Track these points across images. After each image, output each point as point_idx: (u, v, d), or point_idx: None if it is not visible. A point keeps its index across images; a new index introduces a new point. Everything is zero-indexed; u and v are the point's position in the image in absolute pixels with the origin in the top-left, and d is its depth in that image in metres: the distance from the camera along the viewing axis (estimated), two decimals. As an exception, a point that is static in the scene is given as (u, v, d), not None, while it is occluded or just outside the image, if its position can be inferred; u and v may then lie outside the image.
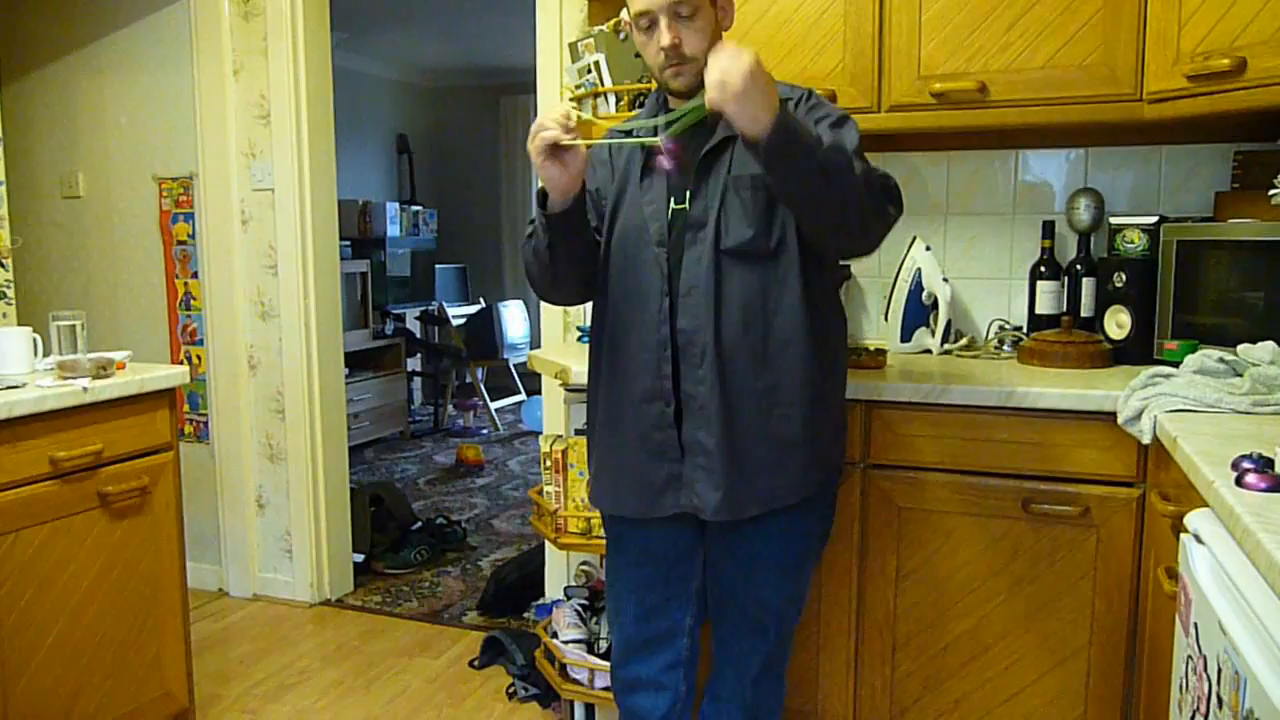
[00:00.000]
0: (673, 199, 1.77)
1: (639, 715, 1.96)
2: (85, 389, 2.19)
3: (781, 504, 1.76)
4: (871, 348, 2.35)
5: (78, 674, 2.24)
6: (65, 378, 2.22)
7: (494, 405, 6.82)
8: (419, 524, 4.17)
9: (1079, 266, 2.46)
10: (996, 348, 2.52)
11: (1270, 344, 1.82)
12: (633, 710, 1.97)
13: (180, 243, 3.62)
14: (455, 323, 6.86)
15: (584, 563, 2.88)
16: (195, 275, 3.61)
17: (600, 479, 1.90)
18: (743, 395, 1.71)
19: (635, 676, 1.95)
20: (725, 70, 1.44)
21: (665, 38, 1.67)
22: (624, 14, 1.78)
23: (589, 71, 2.62)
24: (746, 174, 1.70)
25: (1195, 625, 1.24)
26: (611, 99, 2.58)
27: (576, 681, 2.53)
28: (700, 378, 1.72)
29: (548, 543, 2.90)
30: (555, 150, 1.60)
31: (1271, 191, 1.96)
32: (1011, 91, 2.22)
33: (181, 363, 3.61)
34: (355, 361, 5.86)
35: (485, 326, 6.76)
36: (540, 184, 1.68)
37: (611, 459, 1.85)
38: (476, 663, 3.10)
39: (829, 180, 1.54)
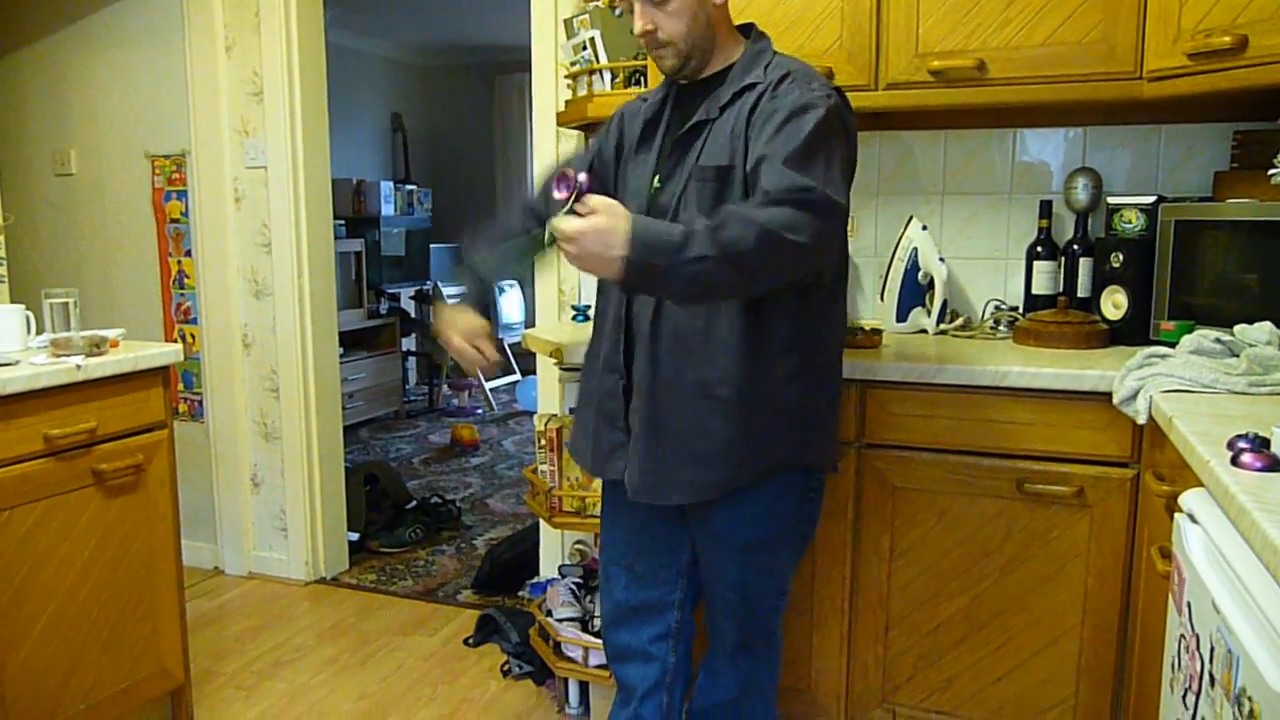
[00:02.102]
0: (655, 177, 1.78)
1: (628, 685, 1.99)
2: (79, 367, 2.18)
3: (704, 497, 1.75)
4: (867, 327, 2.35)
5: (73, 651, 2.24)
6: (58, 355, 2.21)
7: (489, 385, 6.81)
8: (414, 503, 4.17)
9: (1076, 246, 2.45)
10: (992, 328, 2.52)
11: (1267, 324, 1.82)
12: (623, 680, 2.00)
13: (173, 221, 3.60)
14: (450, 302, 6.83)
15: (578, 541, 2.89)
16: (189, 253, 3.59)
17: (574, 427, 1.99)
18: (674, 385, 1.72)
19: (625, 645, 1.97)
20: (564, 243, 1.45)
21: (638, 24, 1.68)
22: None
23: (584, 48, 2.60)
24: (711, 165, 1.69)
25: (1188, 604, 1.24)
26: (607, 75, 2.57)
27: (570, 659, 2.54)
28: (639, 360, 1.75)
29: (542, 521, 2.90)
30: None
31: (1271, 171, 1.95)
32: (1010, 69, 2.21)
33: (175, 341, 3.60)
34: (350, 341, 5.84)
35: (480, 306, 6.73)
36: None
37: (580, 413, 1.94)
38: (471, 640, 3.10)
39: (704, 286, 1.49)
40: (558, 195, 1.49)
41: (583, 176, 1.47)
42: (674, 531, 1.90)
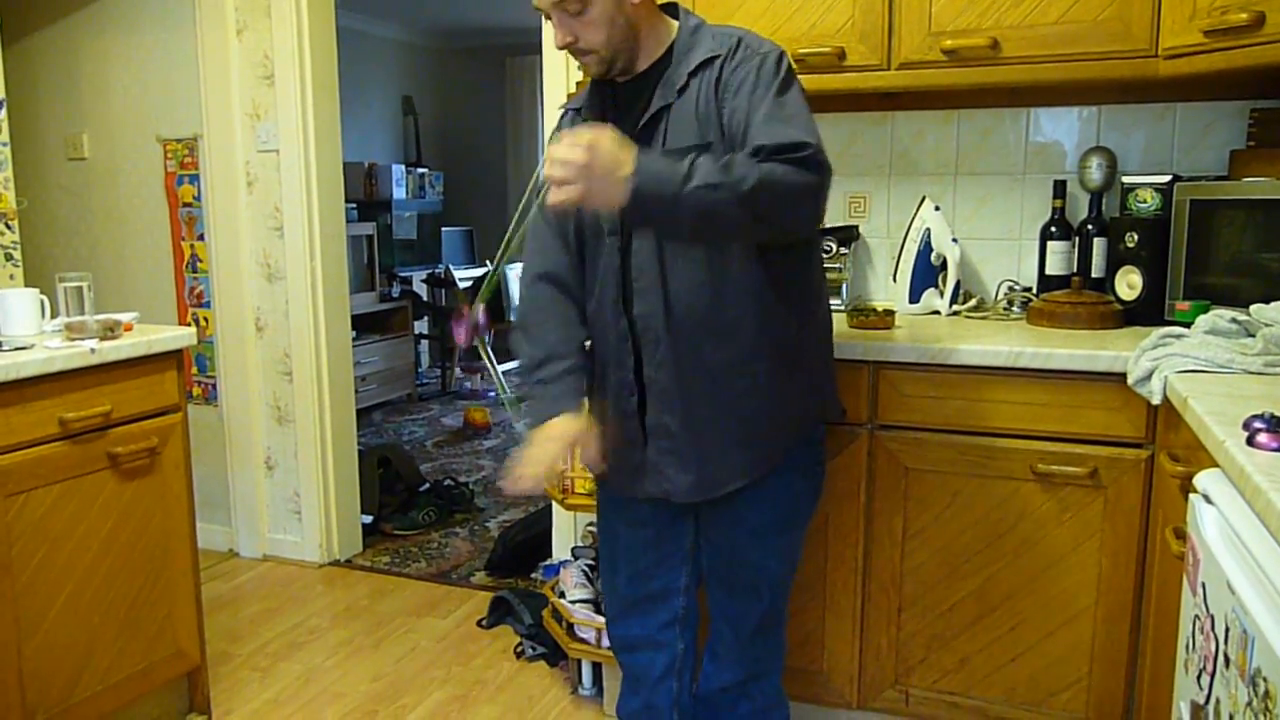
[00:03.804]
0: None
1: (637, 674, 1.98)
2: (93, 350, 2.19)
3: (756, 475, 1.75)
4: (880, 309, 2.34)
5: (90, 632, 2.26)
6: (73, 339, 2.22)
7: (501, 368, 6.80)
8: (427, 485, 4.19)
9: (1090, 226, 2.43)
10: (1006, 309, 2.51)
11: (1283, 304, 1.81)
12: (632, 669, 1.99)
13: (186, 205, 3.61)
14: (462, 285, 6.84)
15: (591, 523, 2.89)
16: (201, 237, 3.60)
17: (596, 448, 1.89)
18: (701, 374, 1.70)
19: (633, 635, 1.96)
20: (562, 170, 1.40)
21: (558, 37, 1.65)
22: None
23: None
24: (682, 146, 1.63)
25: (1203, 585, 1.23)
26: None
27: (583, 640, 2.55)
28: (659, 362, 1.71)
29: (555, 504, 2.91)
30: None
31: (1287, 149, 1.93)
32: (1024, 48, 2.19)
33: (188, 325, 3.61)
34: (362, 324, 5.85)
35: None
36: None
37: (603, 434, 1.84)
38: (484, 622, 3.12)
39: (711, 218, 1.48)
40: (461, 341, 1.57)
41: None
42: (678, 520, 1.89)
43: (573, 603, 2.57)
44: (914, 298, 2.57)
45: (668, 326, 1.69)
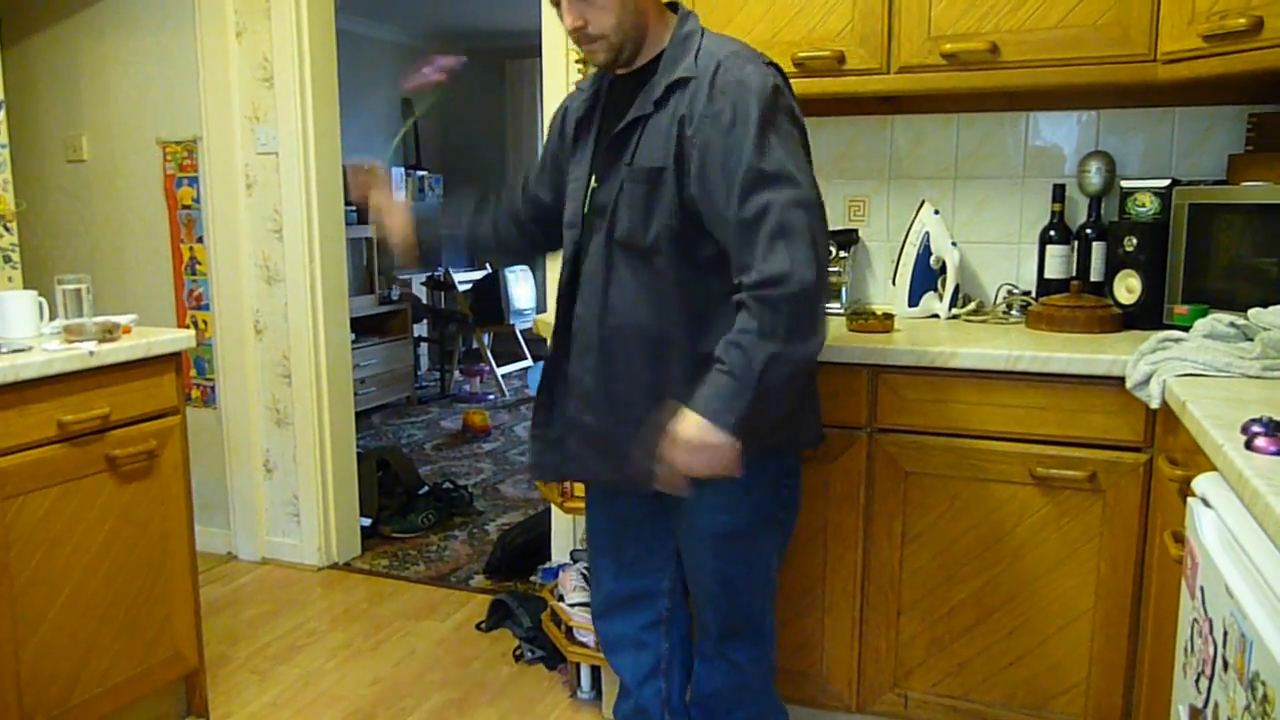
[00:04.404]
0: (593, 177, 1.75)
1: (624, 674, 2.00)
2: (91, 353, 2.18)
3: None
4: (879, 312, 2.34)
5: (89, 635, 2.26)
6: (71, 341, 2.22)
7: (500, 371, 6.82)
8: (426, 488, 4.19)
9: (1089, 230, 2.43)
10: (1005, 312, 2.51)
11: (1282, 308, 1.81)
12: (617, 669, 2.01)
13: (185, 207, 3.61)
14: (461, 288, 6.85)
15: (590, 527, 2.89)
16: (200, 240, 3.60)
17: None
18: (628, 386, 1.70)
19: (616, 634, 1.98)
20: (685, 467, 1.54)
21: (567, 20, 1.64)
22: None
23: (595, 32, 2.58)
24: (644, 165, 1.65)
25: (1201, 589, 1.23)
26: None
27: (582, 644, 2.54)
28: (587, 367, 1.73)
29: (554, 507, 2.91)
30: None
31: (1286, 154, 1.93)
32: (1023, 52, 2.19)
33: (187, 327, 3.61)
34: (361, 327, 5.85)
35: (491, 292, 6.75)
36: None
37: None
38: (483, 625, 3.12)
39: (786, 388, 1.57)
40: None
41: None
42: (658, 519, 1.89)
43: (571, 606, 2.57)
44: (913, 301, 2.57)
45: (599, 335, 1.70)
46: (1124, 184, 2.36)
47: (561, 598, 2.62)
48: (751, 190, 1.54)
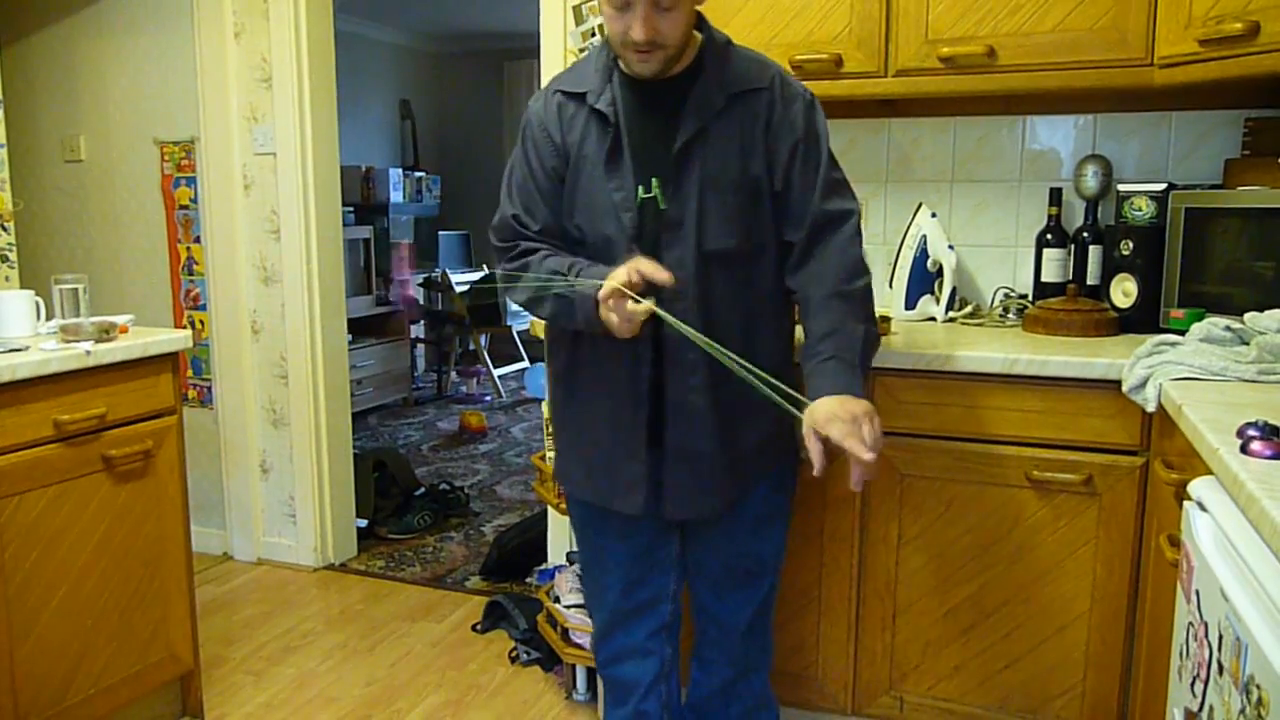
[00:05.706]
0: (640, 187, 1.68)
1: (627, 684, 1.96)
2: (88, 352, 2.18)
3: (772, 468, 1.84)
4: (876, 315, 2.33)
5: (83, 636, 2.25)
6: (68, 341, 2.21)
7: (497, 372, 6.82)
8: (422, 490, 4.18)
9: (1086, 234, 2.44)
10: (1001, 316, 2.51)
11: (1278, 312, 1.80)
12: (621, 680, 1.97)
13: (182, 207, 3.60)
14: (458, 289, 6.84)
15: (586, 528, 2.89)
16: (198, 240, 3.60)
17: (569, 460, 1.89)
18: (735, 398, 1.68)
19: (621, 646, 1.95)
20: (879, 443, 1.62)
21: (640, 31, 1.56)
22: None
23: (593, 34, 2.60)
24: (725, 176, 1.64)
25: (1197, 592, 1.24)
26: (616, 62, 2.56)
27: (578, 646, 2.54)
28: (693, 386, 1.69)
29: (550, 508, 2.91)
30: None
31: (1282, 158, 1.94)
32: (1021, 56, 2.20)
33: (184, 327, 3.61)
34: (358, 328, 5.85)
35: (488, 293, 6.75)
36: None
37: (585, 449, 1.83)
38: (479, 627, 3.12)
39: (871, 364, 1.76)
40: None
41: None
42: (665, 529, 1.88)
43: (568, 608, 2.56)
44: (910, 304, 2.58)
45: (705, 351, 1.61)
46: (1120, 188, 2.36)
47: (558, 599, 2.62)
48: (831, 193, 1.71)
